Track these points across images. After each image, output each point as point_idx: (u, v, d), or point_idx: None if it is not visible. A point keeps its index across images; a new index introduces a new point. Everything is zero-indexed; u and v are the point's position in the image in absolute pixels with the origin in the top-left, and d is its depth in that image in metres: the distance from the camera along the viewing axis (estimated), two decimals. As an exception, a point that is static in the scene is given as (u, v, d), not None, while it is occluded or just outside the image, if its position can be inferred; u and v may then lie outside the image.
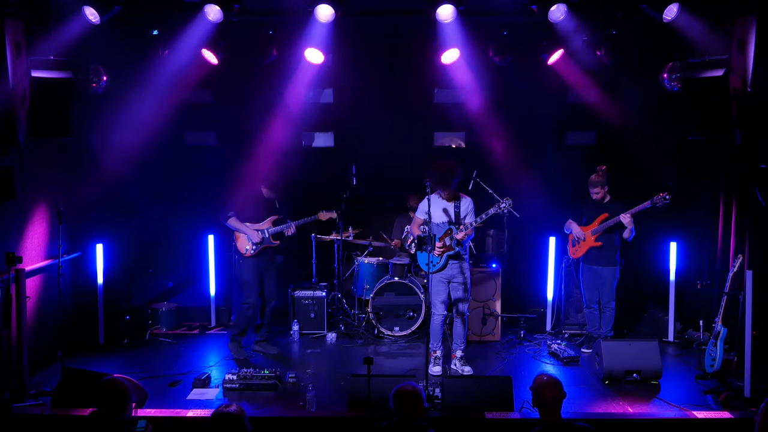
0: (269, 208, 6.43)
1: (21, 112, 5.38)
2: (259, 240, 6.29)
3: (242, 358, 6.37)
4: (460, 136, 8.17)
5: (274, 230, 6.35)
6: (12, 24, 5.21)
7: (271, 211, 6.42)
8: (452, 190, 5.95)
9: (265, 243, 6.33)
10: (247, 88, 7.59)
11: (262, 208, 6.40)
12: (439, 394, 5.16)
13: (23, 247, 5.93)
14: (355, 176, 7.33)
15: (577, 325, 7.21)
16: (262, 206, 6.41)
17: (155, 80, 6.53)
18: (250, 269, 6.38)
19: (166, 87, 6.64)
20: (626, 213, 6.17)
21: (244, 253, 6.36)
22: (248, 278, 6.38)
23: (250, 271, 6.38)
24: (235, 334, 6.48)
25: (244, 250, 6.35)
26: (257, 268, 6.39)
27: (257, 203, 6.40)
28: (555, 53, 6.60)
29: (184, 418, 4.92)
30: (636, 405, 5.26)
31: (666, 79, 6.19)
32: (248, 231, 6.30)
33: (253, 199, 6.40)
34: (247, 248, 6.33)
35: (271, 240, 6.35)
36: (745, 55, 5.27)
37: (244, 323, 6.46)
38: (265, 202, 6.42)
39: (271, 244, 6.37)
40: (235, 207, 6.36)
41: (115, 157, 6.82)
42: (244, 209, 6.37)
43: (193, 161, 7.78)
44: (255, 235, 6.28)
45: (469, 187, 6.87)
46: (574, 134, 7.95)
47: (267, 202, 6.43)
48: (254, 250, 6.31)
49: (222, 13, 5.92)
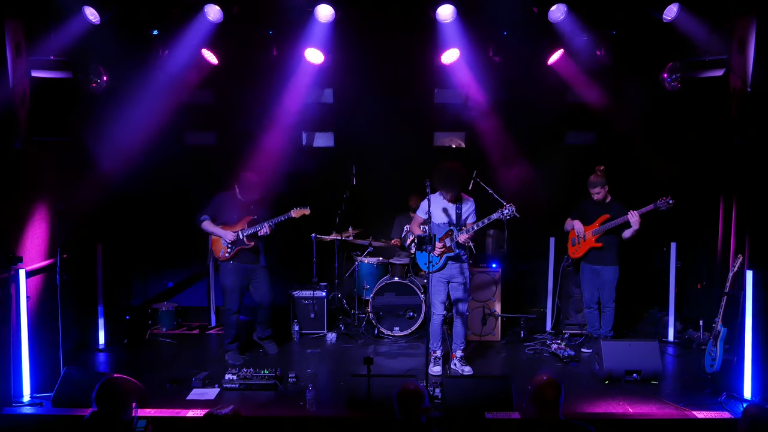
0: (244, 210, 6.34)
1: (21, 112, 5.39)
2: (233, 239, 6.20)
3: (240, 363, 6.24)
4: (460, 136, 8.18)
5: (249, 231, 6.24)
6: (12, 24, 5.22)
7: (245, 212, 6.33)
8: (455, 191, 5.94)
9: (239, 244, 6.24)
10: (247, 88, 7.58)
11: (236, 211, 6.32)
12: (439, 394, 5.16)
13: (23, 247, 5.92)
14: (355, 176, 7.33)
15: (577, 325, 7.21)
16: (237, 208, 6.32)
17: (155, 80, 6.52)
18: (229, 275, 6.30)
19: (166, 87, 6.63)
20: (634, 212, 6.15)
21: (220, 257, 6.28)
22: (228, 284, 6.31)
23: (230, 277, 6.30)
24: (228, 343, 6.44)
25: (219, 254, 6.29)
26: (238, 274, 6.31)
27: (231, 205, 6.33)
28: (555, 53, 6.60)
29: (184, 418, 4.93)
30: (636, 405, 5.26)
31: (666, 79, 6.19)
32: (221, 232, 6.23)
33: (227, 202, 6.34)
34: (222, 251, 6.26)
35: (245, 241, 6.24)
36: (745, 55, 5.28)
37: (232, 330, 6.41)
38: (239, 204, 6.33)
39: (245, 246, 6.25)
40: (208, 211, 6.31)
41: (115, 157, 6.81)
42: (218, 212, 6.32)
43: (193, 161, 7.77)
44: (229, 234, 6.20)
45: (469, 187, 6.87)
46: (574, 134, 7.95)
47: (241, 204, 6.33)
48: (229, 251, 6.23)
49: (222, 13, 5.92)
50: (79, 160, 6.80)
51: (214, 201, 6.38)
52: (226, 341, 6.47)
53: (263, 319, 6.62)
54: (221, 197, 6.38)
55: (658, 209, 6.09)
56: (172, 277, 8.00)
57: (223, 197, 6.38)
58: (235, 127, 7.79)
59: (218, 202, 6.36)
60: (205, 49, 6.44)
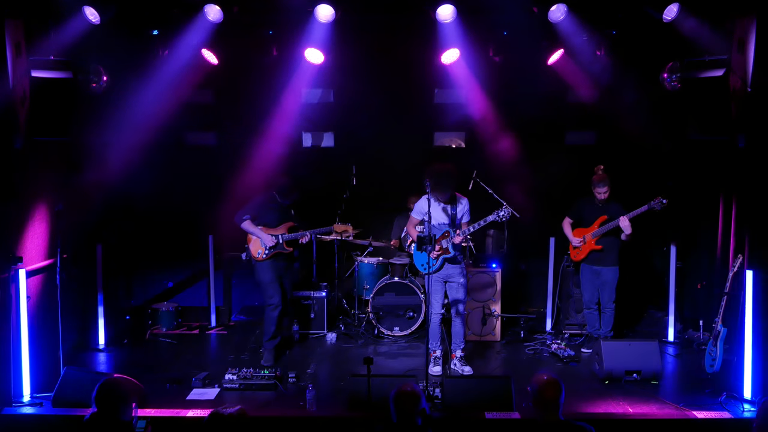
0: (284, 214, 6.44)
1: (21, 112, 5.39)
2: (273, 244, 6.28)
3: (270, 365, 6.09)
4: (460, 136, 8.18)
5: (289, 237, 6.33)
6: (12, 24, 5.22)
7: (286, 217, 6.44)
8: (449, 193, 5.91)
9: (278, 248, 6.32)
10: (247, 88, 7.58)
11: (277, 214, 6.40)
12: (439, 394, 5.16)
13: (23, 247, 5.92)
14: (355, 176, 7.33)
15: (577, 325, 7.21)
16: (277, 212, 6.41)
17: (155, 80, 6.51)
18: (266, 271, 6.34)
19: (166, 87, 6.62)
20: (624, 217, 6.16)
21: (257, 257, 6.33)
22: (267, 279, 6.34)
23: (268, 273, 6.34)
24: (267, 340, 6.33)
25: (256, 254, 6.34)
26: (274, 270, 6.36)
27: (273, 208, 6.39)
28: (555, 53, 6.60)
29: (184, 418, 4.93)
30: (636, 405, 5.26)
31: (666, 79, 6.19)
32: (263, 235, 6.28)
33: (268, 204, 6.40)
34: (259, 252, 6.32)
35: (284, 246, 6.33)
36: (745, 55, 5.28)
37: (272, 326, 6.32)
38: (279, 208, 6.42)
39: (284, 250, 6.34)
40: (251, 210, 6.35)
41: (115, 157, 6.82)
42: (259, 213, 6.36)
43: (194, 161, 7.77)
44: (269, 239, 6.27)
45: (469, 188, 6.87)
46: (574, 134, 7.95)
47: (281, 207, 6.43)
48: (267, 254, 6.30)
49: (222, 13, 5.92)
50: (79, 160, 6.80)
51: (254, 201, 6.41)
52: (265, 338, 6.34)
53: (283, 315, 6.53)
54: (261, 198, 6.42)
55: (653, 209, 6.09)
56: (172, 277, 8.00)
57: (263, 199, 6.42)
58: (235, 127, 7.79)
59: (258, 203, 6.40)
60: (205, 49, 6.43)
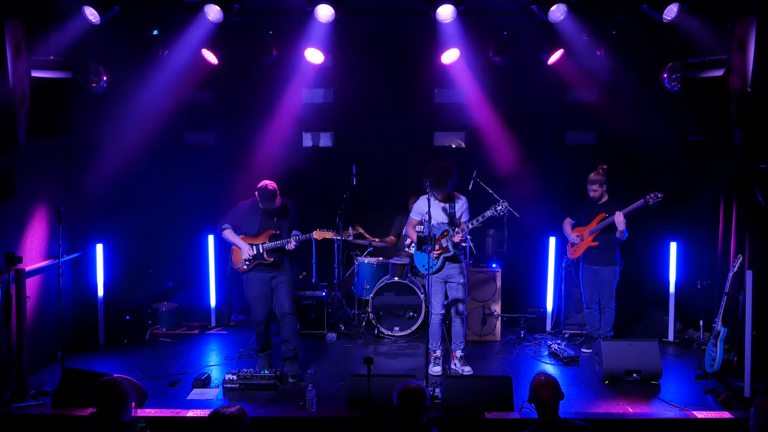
0: (266, 221, 5.88)
1: (21, 112, 5.38)
2: (250, 256, 5.81)
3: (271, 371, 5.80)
4: (460, 136, 8.17)
5: (270, 246, 5.80)
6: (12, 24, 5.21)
7: (268, 224, 5.88)
8: (447, 192, 5.90)
9: (258, 259, 5.82)
10: (247, 88, 7.59)
11: (257, 221, 5.87)
12: (439, 394, 5.16)
13: (23, 247, 5.93)
14: (355, 176, 7.33)
15: (577, 325, 7.21)
16: (258, 219, 5.87)
17: (155, 80, 6.52)
18: (250, 284, 5.91)
19: (166, 87, 6.63)
20: (619, 212, 6.17)
21: (239, 268, 5.91)
22: (250, 294, 5.93)
23: (251, 287, 5.90)
24: (257, 351, 6.08)
25: (238, 265, 5.90)
26: (259, 283, 5.88)
27: (253, 215, 5.88)
28: (555, 53, 6.59)
29: (184, 418, 4.92)
30: (636, 405, 5.26)
31: (666, 79, 6.19)
32: (241, 244, 5.82)
33: (249, 211, 5.91)
34: (241, 262, 5.90)
35: (265, 256, 5.81)
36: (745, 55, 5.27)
37: (260, 339, 6.01)
38: (261, 214, 5.87)
39: (264, 261, 5.82)
40: (229, 218, 5.96)
41: (115, 157, 6.82)
42: (239, 221, 5.93)
43: (193, 161, 7.77)
44: (247, 250, 5.80)
45: (469, 187, 6.86)
46: (574, 134, 7.95)
47: (264, 213, 5.87)
48: (248, 265, 5.86)
49: (222, 13, 5.92)
50: (79, 159, 6.81)
51: (236, 209, 5.97)
52: (256, 349, 6.10)
53: (284, 333, 5.94)
54: (243, 205, 5.95)
55: (648, 204, 6.09)
56: (172, 277, 7.99)
57: (245, 205, 5.94)
58: (234, 127, 7.78)
59: (240, 211, 5.95)
60: (205, 49, 6.43)
